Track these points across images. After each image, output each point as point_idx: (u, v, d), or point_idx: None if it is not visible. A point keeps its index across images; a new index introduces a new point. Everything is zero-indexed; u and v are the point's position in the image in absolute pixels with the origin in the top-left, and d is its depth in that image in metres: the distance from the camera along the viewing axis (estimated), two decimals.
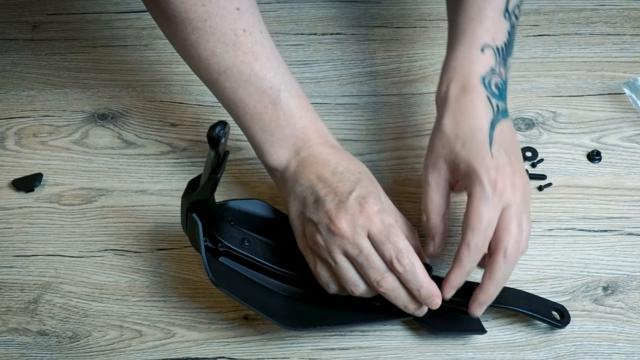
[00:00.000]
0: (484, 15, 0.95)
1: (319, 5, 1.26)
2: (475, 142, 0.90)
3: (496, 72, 0.94)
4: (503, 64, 0.95)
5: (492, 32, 0.95)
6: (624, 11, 1.24)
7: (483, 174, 0.88)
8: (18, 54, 1.21)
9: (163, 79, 1.17)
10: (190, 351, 0.95)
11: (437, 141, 0.93)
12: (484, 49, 0.94)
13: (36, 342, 0.96)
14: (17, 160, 1.10)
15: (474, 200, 0.88)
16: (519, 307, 0.94)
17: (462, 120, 0.92)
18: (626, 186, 1.06)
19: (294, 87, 0.95)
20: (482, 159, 0.89)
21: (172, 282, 0.99)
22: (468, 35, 0.95)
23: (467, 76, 0.93)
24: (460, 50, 0.95)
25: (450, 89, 0.94)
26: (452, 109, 0.93)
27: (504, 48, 0.96)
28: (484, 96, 0.93)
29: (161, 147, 1.11)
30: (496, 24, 0.95)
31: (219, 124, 0.80)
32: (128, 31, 1.23)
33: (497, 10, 0.96)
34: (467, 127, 0.91)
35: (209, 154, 0.83)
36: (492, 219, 0.88)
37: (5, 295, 0.99)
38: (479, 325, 0.95)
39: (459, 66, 0.94)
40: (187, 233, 0.93)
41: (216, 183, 0.87)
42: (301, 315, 0.93)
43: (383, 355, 0.95)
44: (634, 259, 1.01)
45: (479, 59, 0.94)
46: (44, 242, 1.03)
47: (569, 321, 0.95)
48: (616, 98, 1.14)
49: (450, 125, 0.92)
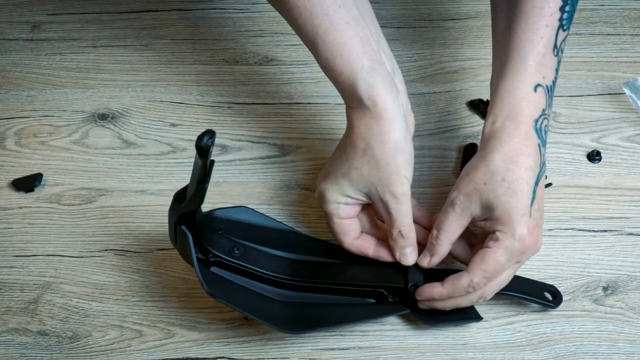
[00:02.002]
0: (537, 51, 0.94)
1: None
2: (519, 193, 0.90)
3: (546, 114, 0.94)
4: (550, 104, 0.95)
5: (543, 70, 0.94)
6: (624, 11, 1.24)
7: (517, 227, 0.90)
8: (18, 54, 1.21)
9: (163, 79, 1.17)
10: (190, 351, 0.95)
11: (481, 174, 0.92)
12: (536, 87, 0.93)
13: (36, 342, 0.96)
14: (17, 160, 1.10)
15: (498, 248, 0.90)
16: (511, 290, 0.95)
17: (513, 166, 0.91)
18: (626, 186, 1.06)
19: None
20: (521, 213, 0.90)
21: (172, 282, 0.99)
22: (521, 71, 0.94)
23: (521, 117, 0.92)
24: (513, 85, 0.94)
25: (506, 125, 0.92)
26: (504, 149, 0.91)
27: (552, 87, 0.95)
28: (535, 144, 0.92)
29: (161, 147, 1.11)
30: (546, 60, 0.94)
31: (207, 133, 0.80)
32: (128, 31, 1.23)
33: (549, 47, 0.94)
34: (516, 176, 0.90)
35: (195, 164, 0.83)
36: (504, 269, 0.91)
37: (5, 295, 0.99)
38: (474, 313, 0.95)
39: (512, 102, 0.93)
40: (176, 246, 0.92)
41: (204, 193, 0.86)
42: (299, 318, 0.93)
43: (383, 355, 0.95)
44: (634, 259, 1.01)
45: (532, 98, 0.93)
46: (44, 242, 1.03)
47: (561, 301, 0.96)
48: (616, 98, 1.14)
49: (499, 165, 0.91)
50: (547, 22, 0.94)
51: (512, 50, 0.94)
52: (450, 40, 1.21)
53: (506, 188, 0.90)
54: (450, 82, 1.16)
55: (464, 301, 0.92)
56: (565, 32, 0.96)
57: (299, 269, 0.96)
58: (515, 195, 0.90)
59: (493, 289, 0.92)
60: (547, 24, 0.94)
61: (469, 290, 0.91)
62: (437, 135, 1.11)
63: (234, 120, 1.13)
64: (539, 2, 0.95)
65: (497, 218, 0.90)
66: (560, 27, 0.95)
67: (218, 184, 1.07)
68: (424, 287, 0.93)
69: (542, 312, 0.97)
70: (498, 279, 0.92)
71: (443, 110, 1.13)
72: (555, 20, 0.94)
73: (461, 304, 0.93)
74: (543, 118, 0.93)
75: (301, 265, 0.97)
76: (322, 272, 0.97)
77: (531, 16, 0.94)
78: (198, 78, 1.17)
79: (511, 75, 0.94)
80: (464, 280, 0.91)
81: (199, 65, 1.19)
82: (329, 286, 0.96)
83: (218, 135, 1.11)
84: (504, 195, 0.90)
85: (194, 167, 0.84)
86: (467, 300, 0.92)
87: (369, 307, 0.95)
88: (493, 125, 0.93)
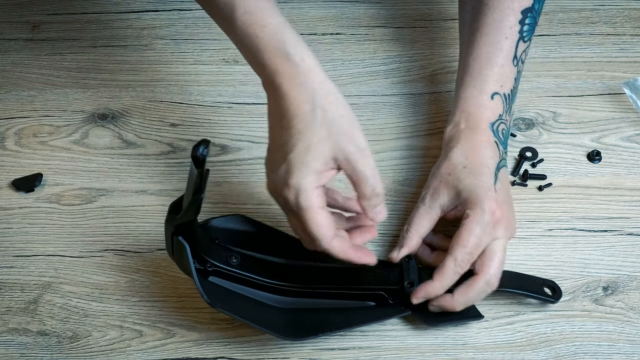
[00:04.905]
0: (495, 62, 1.00)
1: (319, 5, 1.26)
2: (482, 174, 0.95)
3: (503, 120, 0.99)
4: (509, 111, 1.01)
5: (501, 80, 1.00)
6: (624, 11, 1.24)
7: (485, 201, 0.93)
8: (18, 54, 1.21)
9: (163, 79, 1.17)
10: (190, 351, 0.95)
11: (443, 168, 0.96)
12: (493, 96, 0.99)
13: (36, 342, 0.96)
14: (17, 160, 1.10)
15: (470, 222, 0.92)
16: (511, 287, 0.95)
17: (472, 155, 0.96)
18: (626, 186, 1.06)
19: None
20: (486, 189, 0.94)
21: (172, 282, 0.99)
22: (479, 81, 1.00)
23: (478, 121, 0.98)
24: (471, 95, 1.00)
25: (461, 129, 0.98)
26: (462, 145, 0.97)
27: (510, 95, 1.01)
28: (492, 140, 0.98)
29: (161, 147, 1.11)
30: (505, 71, 1.00)
31: (202, 143, 0.80)
32: (128, 31, 1.23)
33: (508, 58, 1.00)
34: (476, 161, 0.95)
35: (190, 173, 0.83)
36: (482, 242, 0.92)
37: (5, 295, 0.99)
38: (474, 312, 0.95)
39: (470, 110, 0.99)
40: (173, 258, 0.92)
41: (200, 203, 0.86)
42: (300, 324, 0.93)
43: (383, 355, 0.95)
44: (634, 259, 1.01)
45: (490, 105, 0.99)
46: (44, 242, 1.03)
47: (561, 295, 0.96)
48: (616, 98, 1.14)
49: (459, 157, 0.96)
50: (506, 35, 1.00)
51: (473, 62, 1.01)
52: (450, 40, 1.21)
53: (468, 173, 0.95)
54: (450, 82, 1.16)
55: (475, 294, 0.92)
56: (526, 44, 1.02)
57: (297, 275, 0.96)
58: (477, 177, 0.94)
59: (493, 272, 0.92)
60: (507, 36, 1.00)
61: (458, 270, 0.91)
62: (436, 135, 1.11)
63: (234, 120, 1.13)
64: (499, 15, 1.01)
65: (464, 200, 0.94)
66: (520, 39, 1.01)
67: (218, 184, 1.07)
68: (419, 288, 0.93)
69: (542, 312, 0.97)
70: (494, 260, 0.92)
71: (442, 110, 1.13)
72: (515, 32, 1.01)
73: (473, 299, 0.92)
74: (500, 122, 0.99)
75: (299, 271, 0.97)
76: (320, 276, 0.96)
77: (491, 29, 1.01)
78: (198, 78, 1.17)
79: (471, 87, 1.00)
80: (448, 263, 0.92)
81: (199, 65, 1.19)
82: (328, 291, 0.95)
83: (218, 135, 1.11)
84: (467, 178, 0.94)
85: (189, 177, 0.84)
86: (476, 292, 0.92)
87: (370, 310, 0.95)
88: (450, 130, 0.99)
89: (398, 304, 0.95)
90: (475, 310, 0.95)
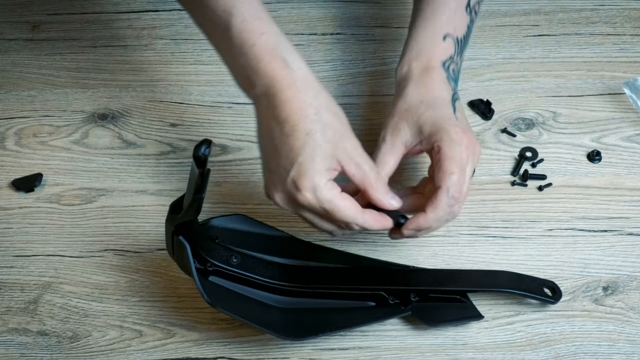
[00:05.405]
0: (448, 6, 1.01)
1: (319, 5, 1.26)
2: (440, 106, 0.95)
3: (454, 61, 1.00)
4: (460, 55, 1.02)
5: (454, 24, 1.01)
6: (624, 11, 1.24)
7: (451, 130, 0.93)
8: (18, 54, 1.21)
9: (163, 79, 1.17)
10: (190, 351, 0.95)
11: (400, 106, 0.97)
12: (445, 37, 1.00)
13: (36, 342, 0.96)
14: (17, 160, 1.10)
15: (446, 150, 0.92)
16: (511, 288, 0.95)
17: (426, 91, 0.97)
18: (626, 186, 1.06)
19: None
20: (448, 119, 0.94)
21: (172, 282, 0.99)
22: (432, 23, 1.01)
23: (430, 59, 0.99)
24: (423, 35, 1.01)
25: (412, 67, 0.99)
26: (415, 83, 0.98)
27: (463, 40, 1.02)
28: (444, 77, 0.99)
29: (161, 147, 1.11)
30: (458, 16, 1.02)
31: (204, 143, 0.80)
32: (128, 31, 1.23)
33: (461, 4, 1.02)
34: (432, 96, 0.96)
35: (191, 173, 0.83)
36: (465, 164, 0.92)
37: (5, 295, 0.99)
38: (475, 312, 0.95)
39: (421, 49, 1.00)
40: (174, 257, 0.92)
41: (201, 203, 0.86)
42: (300, 324, 0.93)
43: (383, 355, 0.95)
44: (634, 259, 1.01)
45: (441, 45, 1.00)
46: (44, 242, 1.03)
47: (560, 296, 0.96)
48: (616, 98, 1.14)
49: (414, 94, 0.97)
50: None
51: (426, 6, 1.02)
52: None
53: (426, 107, 0.95)
54: None
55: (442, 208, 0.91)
56: None
57: (298, 275, 0.96)
58: (437, 109, 0.95)
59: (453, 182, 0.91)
60: None
61: (452, 202, 0.91)
62: None
63: (234, 120, 1.13)
64: None
65: (430, 134, 0.94)
66: None
67: (218, 184, 1.07)
68: (411, 220, 0.93)
69: (542, 312, 0.97)
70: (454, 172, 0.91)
71: None
72: None
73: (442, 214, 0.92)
74: (451, 62, 1.00)
75: (299, 271, 0.97)
76: (320, 276, 0.96)
77: None
78: (198, 78, 1.17)
79: (422, 27, 1.01)
80: (441, 195, 0.91)
81: (199, 65, 1.19)
82: (328, 291, 0.96)
83: (218, 135, 1.11)
84: (426, 112, 0.95)
85: (190, 177, 0.84)
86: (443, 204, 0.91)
87: (370, 310, 0.95)
88: (403, 69, 1.00)
89: (398, 304, 0.95)
90: (475, 310, 0.95)
